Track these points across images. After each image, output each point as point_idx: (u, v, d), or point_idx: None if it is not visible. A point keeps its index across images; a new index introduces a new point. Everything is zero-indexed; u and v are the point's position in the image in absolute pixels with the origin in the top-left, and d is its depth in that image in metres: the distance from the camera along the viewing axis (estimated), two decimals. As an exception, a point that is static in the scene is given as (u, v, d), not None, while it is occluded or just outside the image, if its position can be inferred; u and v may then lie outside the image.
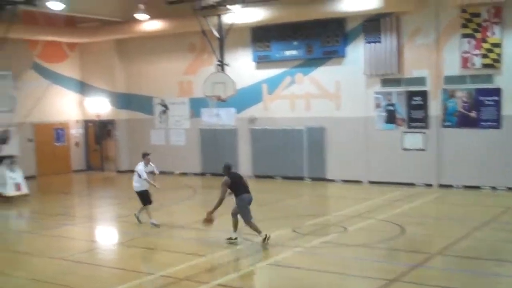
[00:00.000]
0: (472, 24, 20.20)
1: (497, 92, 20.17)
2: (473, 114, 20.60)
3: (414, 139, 21.59)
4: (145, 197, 15.69)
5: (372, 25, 21.85)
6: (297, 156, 23.90)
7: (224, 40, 22.15)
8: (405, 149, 21.82)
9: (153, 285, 10.44)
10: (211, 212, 13.28)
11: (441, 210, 18.05)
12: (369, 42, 21.94)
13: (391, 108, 22.02)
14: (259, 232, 13.03)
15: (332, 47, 22.86)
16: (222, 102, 22.41)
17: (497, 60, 20.00)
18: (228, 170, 13.56)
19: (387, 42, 21.57)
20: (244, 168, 25.12)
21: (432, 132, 21.22)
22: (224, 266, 11.66)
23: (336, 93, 23.06)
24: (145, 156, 15.97)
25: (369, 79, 22.25)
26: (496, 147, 20.28)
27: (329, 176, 23.33)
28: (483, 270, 11.13)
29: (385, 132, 22.14)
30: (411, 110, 21.62)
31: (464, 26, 20.35)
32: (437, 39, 20.92)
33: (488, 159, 20.41)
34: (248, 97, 24.61)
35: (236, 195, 13.26)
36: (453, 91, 20.87)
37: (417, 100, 21.48)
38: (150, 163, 15.99)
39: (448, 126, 21.04)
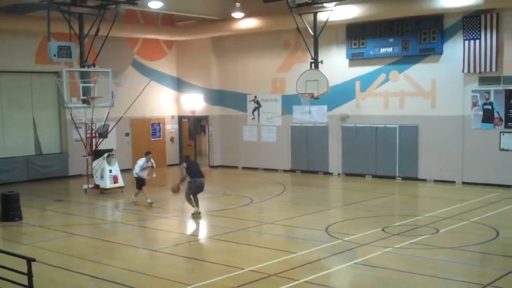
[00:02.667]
0: None
1: None
2: None
3: (512, 140, 20.85)
4: (140, 182, 18.85)
5: (471, 21, 21.23)
6: (388, 155, 23.58)
7: (318, 38, 22.17)
8: (502, 150, 21.09)
9: (242, 280, 10.61)
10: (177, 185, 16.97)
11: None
12: (468, 39, 21.33)
13: (488, 107, 21.33)
14: (192, 206, 16.91)
15: (429, 44, 22.38)
16: (314, 99, 22.44)
17: None
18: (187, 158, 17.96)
19: (487, 39, 20.91)
20: (335, 165, 25.08)
21: (532, 132, 20.40)
22: (312, 263, 11.69)
23: (432, 91, 22.57)
24: (147, 154, 19.09)
25: (467, 77, 21.64)
26: None
27: (421, 176, 22.89)
28: None
29: (481, 132, 21.48)
30: (510, 109, 20.87)
31: None
32: (539, 36, 20.09)
33: None
34: (340, 94, 24.50)
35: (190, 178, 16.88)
36: (557, 90, 19.98)
37: (517, 99, 20.71)
38: (151, 160, 19.15)
39: (550, 127, 20.17)
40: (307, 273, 10.96)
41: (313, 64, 22.18)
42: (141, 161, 18.90)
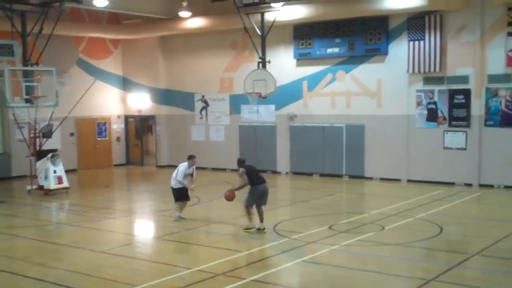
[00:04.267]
0: (518, 22, 19.86)
1: (542, 91, 19.77)
2: (517, 113, 20.22)
3: (455, 138, 21.31)
4: (179, 194, 15.77)
5: (416, 22, 21.63)
6: (335, 154, 23.84)
7: (265, 38, 22.21)
8: (446, 148, 21.56)
9: (190, 280, 10.52)
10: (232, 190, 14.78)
11: (481, 210, 17.79)
12: (412, 40, 21.72)
13: (433, 106, 21.76)
14: (251, 221, 14.31)
15: (375, 45, 22.70)
16: (262, 99, 22.47)
17: (542, 59, 19.60)
18: (242, 163, 14.82)
19: (431, 40, 21.34)
20: (283, 164, 25.20)
21: (474, 131, 20.91)
22: (260, 262, 11.69)
23: (378, 90, 22.90)
24: (191, 158, 16.03)
25: (411, 77, 22.03)
26: (540, 147, 19.89)
27: (367, 174, 23.19)
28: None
29: (426, 131, 21.90)
30: (453, 108, 21.35)
31: (510, 24, 20.01)
32: (481, 37, 20.60)
33: (532, 160, 20.03)
34: (288, 94, 24.62)
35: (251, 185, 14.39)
36: (497, 89, 20.54)
37: (460, 98, 21.19)
38: (194, 166, 16.10)
39: (491, 126, 20.71)
40: (254, 272, 10.95)
41: (260, 64, 22.22)
42: (183, 167, 15.89)
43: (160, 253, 13.13)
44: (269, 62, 22.30)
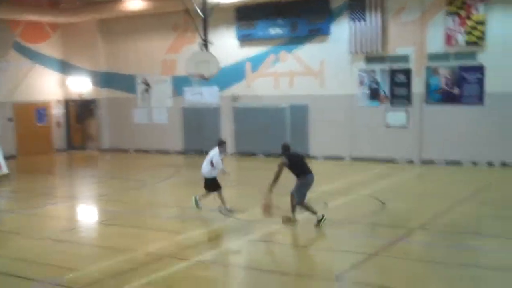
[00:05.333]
0: (457, 2, 20.21)
1: (480, 69, 20.23)
2: (456, 91, 20.66)
3: (397, 116, 21.65)
4: (217, 182, 14.41)
5: (357, 2, 21.76)
6: (280, 134, 23.81)
7: (207, 19, 21.96)
8: (388, 126, 21.88)
9: (135, 263, 10.38)
10: (267, 195, 12.67)
11: (423, 186, 18.14)
12: (353, 20, 21.86)
13: (374, 85, 22.02)
14: (314, 212, 12.62)
15: (317, 25, 22.77)
16: (205, 80, 22.27)
17: (480, 38, 20.03)
18: (286, 150, 13.04)
19: (372, 20, 21.51)
20: (227, 146, 25.08)
21: (415, 109, 21.28)
22: (206, 243, 11.65)
23: (320, 70, 23.01)
24: (222, 144, 14.55)
25: (353, 56, 22.22)
26: (478, 123, 20.40)
27: (311, 153, 23.34)
28: (463, 244, 11.20)
29: (368, 109, 22.17)
30: (395, 87, 21.65)
31: (449, 3, 20.37)
32: (421, 16, 20.90)
33: (470, 136, 20.53)
34: (231, 75, 24.51)
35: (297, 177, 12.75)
36: (437, 68, 20.91)
37: (401, 77, 21.50)
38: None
39: (431, 103, 21.11)
40: (200, 252, 10.89)
41: (203, 45, 21.97)
42: (217, 155, 14.24)
43: (104, 237, 12.92)
44: (211, 43, 22.07)
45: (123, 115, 28.03)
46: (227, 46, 24.45)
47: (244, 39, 24.35)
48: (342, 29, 22.24)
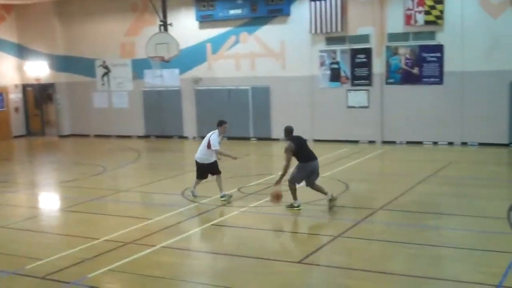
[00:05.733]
0: (415, -19, 20.33)
1: (439, 48, 20.44)
2: (415, 70, 20.85)
3: (358, 97, 21.77)
4: (216, 167, 13.58)
5: (315, -18, 21.73)
6: (242, 116, 23.83)
7: (166, 0, 21.70)
8: (349, 107, 22.00)
9: (98, 250, 10.25)
10: (277, 184, 12.24)
11: (385, 166, 18.33)
12: (314, 0, 21.82)
13: (335, 66, 22.08)
14: (295, 198, 12.30)
15: (277, 6, 22.71)
16: (165, 63, 22.09)
17: (439, 17, 20.22)
18: (289, 134, 12.49)
19: (332, 0, 21.48)
20: (189, 129, 24.98)
21: (376, 89, 21.43)
22: (169, 228, 11.55)
23: (281, 52, 22.97)
24: (222, 124, 13.69)
25: (314, 37, 22.22)
26: (438, 103, 20.66)
27: (274, 136, 23.36)
28: (424, 224, 11.36)
29: (329, 90, 22.24)
30: (355, 68, 21.75)
31: (407, -17, 20.47)
32: (380, -4, 20.97)
33: (430, 115, 20.79)
34: (191, 57, 24.31)
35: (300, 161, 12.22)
36: (397, 48, 21.06)
37: (361, 57, 21.60)
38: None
39: (392, 83, 21.28)
40: (164, 238, 10.80)
41: (162, 27, 21.75)
42: (215, 134, 13.55)
43: (66, 225, 12.73)
44: (171, 25, 21.86)
45: (83, 99, 27.60)
46: (186, 27, 24.21)
47: (204, 20, 24.13)
48: (302, 10, 22.20)
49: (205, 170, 13.60)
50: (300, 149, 12.22)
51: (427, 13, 20.31)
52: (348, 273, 8.85)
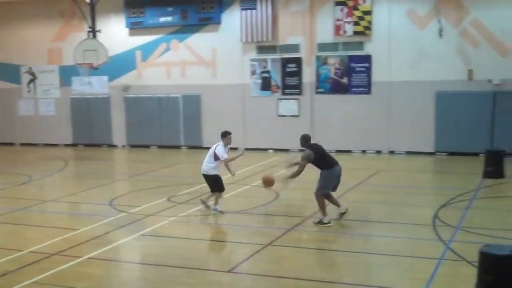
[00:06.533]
0: (344, -8, 20.67)
1: (367, 59, 20.82)
2: (345, 80, 21.16)
3: (288, 106, 21.93)
4: (218, 182, 12.93)
5: (247, -9, 21.82)
6: (173, 124, 23.64)
7: (95, 6, 21.33)
8: (280, 116, 22.12)
9: (23, 262, 9.88)
10: (282, 181, 12.10)
11: (315, 174, 18.39)
12: (244, 9, 21.89)
13: (266, 75, 22.18)
14: (324, 214, 11.73)
15: (208, 14, 22.67)
16: (94, 70, 21.68)
17: (368, 28, 20.62)
18: (307, 141, 12.03)
19: (263, 9, 21.62)
20: (119, 137, 24.58)
21: (306, 98, 21.64)
22: (97, 239, 11.26)
23: (212, 60, 22.93)
24: (226, 135, 13.01)
25: (245, 46, 22.28)
26: (366, 112, 21.03)
27: (206, 144, 23.16)
28: (354, 231, 11.48)
29: (260, 99, 22.33)
30: (286, 77, 21.91)
31: (337, -7, 20.80)
32: (310, 6, 21.23)
33: (358, 124, 21.14)
34: (121, 64, 23.98)
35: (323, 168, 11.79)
36: (326, 58, 21.33)
37: (292, 67, 21.78)
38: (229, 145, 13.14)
39: (321, 93, 21.54)
40: (92, 249, 10.51)
41: (90, 33, 21.35)
42: (220, 146, 12.82)
43: (-13, 236, 12.24)
44: (99, 31, 21.48)
45: (8, 107, 26.78)
46: (116, 34, 23.87)
47: (134, 27, 23.85)
48: (233, 18, 22.25)
49: (207, 181, 12.96)
50: (321, 156, 11.82)
51: (356, 23, 20.69)
52: (279, 281, 8.83)
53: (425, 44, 20.25)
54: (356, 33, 20.80)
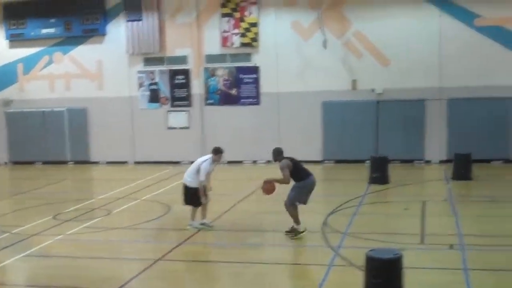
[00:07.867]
0: (231, 4, 20.84)
1: (255, 70, 21.03)
2: (234, 91, 21.26)
3: (178, 118, 21.77)
4: (194, 196, 12.16)
5: (132, 2, 21.50)
6: (58, 139, 22.88)
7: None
8: (170, 128, 21.92)
9: None
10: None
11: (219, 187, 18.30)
12: (130, 20, 21.57)
13: (154, 87, 21.93)
14: (298, 222, 11.44)
15: (92, 25, 22.17)
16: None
17: (254, 39, 20.84)
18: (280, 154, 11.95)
19: (149, 21, 21.38)
20: (1, 154, 23.45)
21: (196, 110, 21.57)
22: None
23: (98, 72, 22.41)
24: (218, 153, 12.28)
25: (132, 58, 21.95)
26: (256, 123, 21.23)
27: (93, 159, 22.65)
28: (246, 242, 11.48)
29: (149, 112, 22.05)
30: (175, 88, 21.76)
31: (223, 5, 20.93)
32: (197, 18, 21.19)
33: (249, 135, 21.28)
34: (1, 78, 23.00)
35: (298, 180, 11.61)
36: (214, 69, 21.37)
37: (180, 78, 21.67)
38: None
39: (211, 104, 21.55)
40: (-30, 273, 9.90)
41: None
42: (207, 163, 12.09)
43: None
44: (-23, 43, 20.48)
45: None
46: (-5, 46, 22.84)
47: (14, 39, 22.94)
48: (119, 30, 21.88)
49: (186, 193, 12.32)
50: (295, 168, 11.68)
51: (243, 35, 20.86)
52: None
53: (311, 55, 20.71)
54: (243, 44, 20.97)
